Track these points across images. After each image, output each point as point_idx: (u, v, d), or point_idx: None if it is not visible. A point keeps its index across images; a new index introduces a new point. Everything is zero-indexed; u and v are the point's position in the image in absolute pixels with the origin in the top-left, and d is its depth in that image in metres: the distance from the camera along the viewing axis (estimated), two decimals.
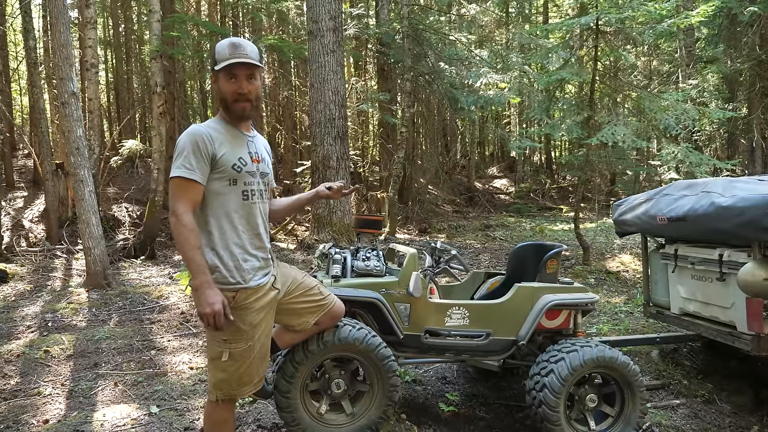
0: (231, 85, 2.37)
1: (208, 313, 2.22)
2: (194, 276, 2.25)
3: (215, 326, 2.25)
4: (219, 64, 2.35)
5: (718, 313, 3.97)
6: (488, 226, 13.44)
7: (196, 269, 2.24)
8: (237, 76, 2.36)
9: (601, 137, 6.40)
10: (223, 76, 2.38)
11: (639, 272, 7.44)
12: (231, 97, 2.39)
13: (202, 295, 2.23)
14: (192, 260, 2.24)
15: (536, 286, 3.53)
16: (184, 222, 2.25)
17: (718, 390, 4.16)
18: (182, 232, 2.25)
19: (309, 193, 2.92)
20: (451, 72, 12.65)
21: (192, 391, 4.11)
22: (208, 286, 2.24)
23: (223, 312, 2.24)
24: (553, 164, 24.72)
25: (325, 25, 8.39)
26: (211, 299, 2.23)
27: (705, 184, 4.08)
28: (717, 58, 13.49)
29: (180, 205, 2.28)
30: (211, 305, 2.22)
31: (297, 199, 2.94)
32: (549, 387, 3.17)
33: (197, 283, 2.24)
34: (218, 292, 2.26)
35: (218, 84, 2.41)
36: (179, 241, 2.27)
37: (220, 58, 2.36)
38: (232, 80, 2.37)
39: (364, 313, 3.38)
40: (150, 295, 6.59)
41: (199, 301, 2.24)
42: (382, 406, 3.04)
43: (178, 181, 2.30)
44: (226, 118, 2.47)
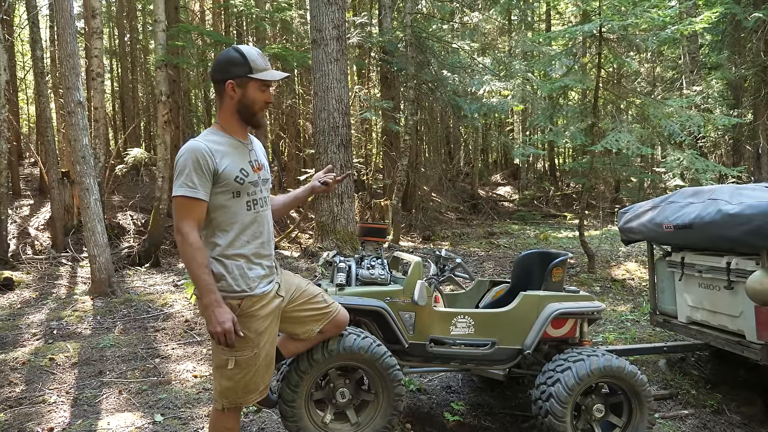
0: (263, 95, 2.39)
1: (219, 332, 2.22)
2: (203, 295, 2.25)
3: (226, 344, 2.25)
4: (256, 72, 2.34)
5: (727, 321, 3.94)
6: (492, 234, 13.40)
7: (204, 288, 2.24)
8: (269, 86, 2.40)
9: (605, 144, 6.39)
10: (257, 85, 2.37)
11: (645, 280, 7.40)
12: (260, 107, 2.41)
13: (212, 314, 2.23)
14: (199, 279, 2.24)
15: (542, 295, 3.51)
16: (190, 241, 2.25)
17: (727, 400, 4.11)
18: (188, 251, 2.24)
19: (305, 189, 2.89)
20: (454, 80, 12.68)
21: (196, 400, 4.09)
22: (217, 305, 2.24)
23: (233, 330, 2.24)
24: (557, 171, 24.71)
25: (328, 34, 8.43)
26: (221, 317, 2.22)
27: (711, 191, 4.05)
28: (721, 64, 13.50)
29: (185, 224, 2.27)
30: (221, 324, 2.22)
31: (294, 197, 2.92)
32: (555, 397, 3.14)
33: (206, 302, 2.24)
34: (228, 310, 2.26)
35: (247, 92, 2.37)
36: (186, 260, 2.27)
37: (258, 66, 2.35)
38: (265, 91, 2.39)
39: (368, 322, 3.37)
40: (154, 303, 6.59)
41: (210, 320, 2.24)
42: (387, 416, 3.02)
43: (182, 201, 2.28)
44: (226, 127, 2.44)
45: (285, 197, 2.89)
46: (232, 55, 2.37)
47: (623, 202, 19.87)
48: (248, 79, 2.35)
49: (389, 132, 13.61)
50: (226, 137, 2.42)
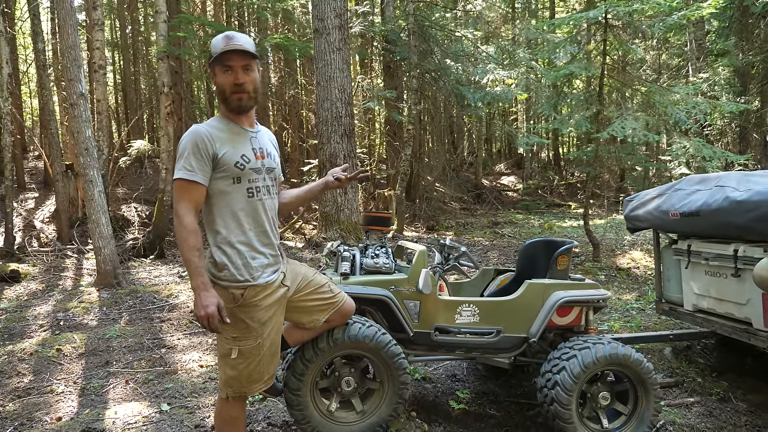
0: (227, 77, 2.35)
1: (203, 316, 2.21)
2: (191, 277, 2.25)
3: (210, 328, 2.23)
4: (214, 55, 2.34)
5: (733, 309, 3.92)
6: (496, 224, 13.38)
7: (194, 271, 2.24)
8: (232, 67, 2.34)
9: (611, 131, 6.34)
10: (219, 69, 2.36)
11: (650, 269, 7.38)
12: (228, 89, 2.36)
13: (198, 297, 2.22)
14: (189, 261, 2.24)
15: (547, 283, 3.49)
16: (184, 223, 2.25)
17: (733, 388, 4.10)
18: (182, 233, 2.25)
19: (318, 183, 2.88)
20: (457, 69, 12.60)
21: (202, 389, 4.11)
22: (203, 288, 2.23)
23: (217, 314, 2.22)
24: (561, 161, 24.61)
25: (330, 23, 8.37)
26: (206, 301, 2.21)
27: (718, 178, 4.02)
28: (728, 50, 13.36)
29: (182, 206, 2.27)
30: (205, 308, 2.20)
31: (307, 190, 2.91)
32: (561, 384, 3.14)
33: (194, 284, 2.24)
34: (214, 293, 2.25)
35: (216, 78, 2.39)
36: (179, 242, 2.27)
37: (215, 50, 2.35)
38: (228, 72, 2.35)
39: (373, 311, 3.36)
40: (159, 294, 6.61)
41: (196, 303, 2.24)
42: (392, 404, 3.02)
43: (180, 183, 2.29)
44: (227, 114, 2.45)
45: (298, 191, 2.88)
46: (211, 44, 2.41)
47: (628, 191, 19.81)
48: (212, 66, 2.37)
49: (392, 122, 13.55)
50: (230, 124, 2.42)
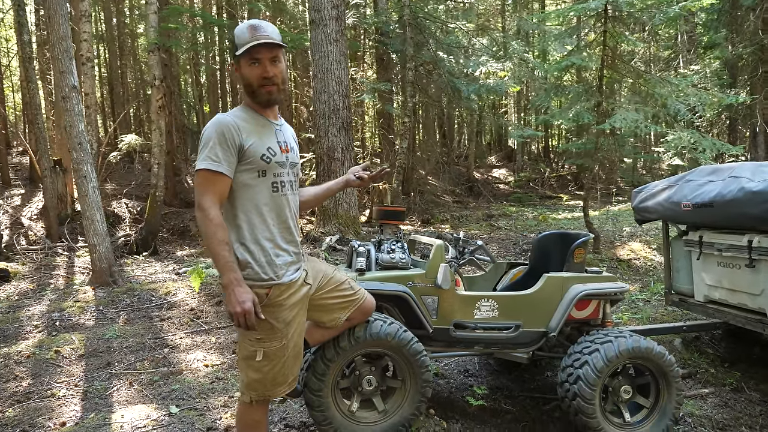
0: (255, 70, 2.25)
1: (239, 312, 2.11)
2: (222, 273, 2.14)
3: (246, 326, 2.14)
4: (240, 48, 2.23)
5: (747, 300, 3.90)
6: (491, 216, 13.36)
7: (225, 266, 2.13)
8: (260, 60, 2.25)
9: (613, 123, 6.31)
10: (246, 62, 2.26)
11: (650, 260, 7.39)
12: (256, 82, 2.26)
13: (231, 294, 2.12)
14: (219, 256, 2.13)
15: (566, 276, 3.44)
16: (210, 216, 2.14)
17: (746, 378, 4.09)
18: (209, 227, 2.14)
19: (338, 182, 2.81)
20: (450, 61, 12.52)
21: (210, 390, 4.01)
22: (237, 284, 2.13)
23: (254, 310, 2.14)
24: (551, 153, 24.67)
25: (327, 14, 8.24)
26: (241, 297, 2.12)
27: (731, 169, 3.99)
28: (718, 43, 13.42)
29: (206, 198, 2.16)
30: (241, 304, 2.11)
31: (327, 189, 2.83)
32: (584, 379, 3.09)
33: (226, 280, 2.13)
34: (248, 289, 2.16)
35: (241, 70, 2.29)
36: (206, 237, 2.16)
37: (240, 42, 2.24)
38: (255, 64, 2.25)
39: (390, 307, 3.29)
40: (157, 292, 6.48)
41: (229, 300, 2.13)
42: (414, 402, 2.95)
43: (204, 174, 2.18)
44: (252, 105, 2.35)
45: (316, 189, 2.79)
46: (233, 34, 2.30)
47: (618, 183, 19.91)
48: (237, 58, 2.26)
49: (386, 115, 13.45)
50: (254, 115, 2.33)
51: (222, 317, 5.70)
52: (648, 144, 21.22)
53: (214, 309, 5.97)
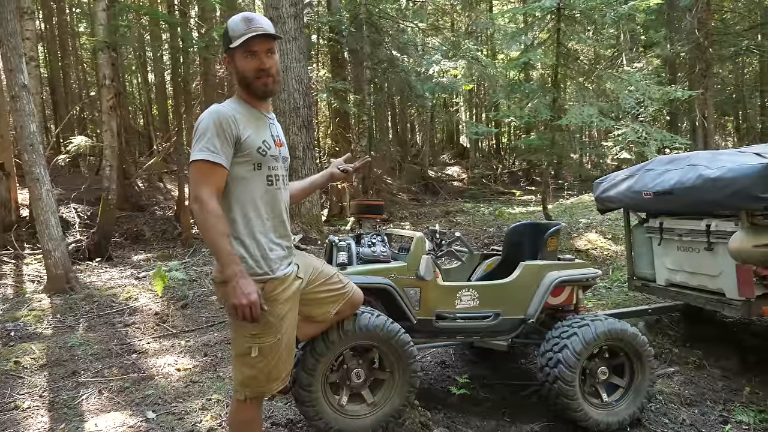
0: (250, 62, 2.22)
1: (245, 304, 2.06)
2: (225, 266, 2.08)
3: (251, 318, 2.10)
4: (235, 41, 2.19)
5: (707, 281, 4.12)
6: (449, 212, 13.54)
7: (227, 258, 2.08)
8: (256, 52, 2.21)
9: (570, 118, 6.52)
10: (241, 54, 2.22)
11: (607, 249, 7.67)
12: (252, 75, 2.23)
13: (237, 286, 2.07)
14: (221, 249, 2.08)
15: (542, 264, 3.55)
16: (209, 208, 2.09)
17: (706, 356, 4.32)
18: (208, 219, 2.08)
19: (322, 175, 2.79)
20: (404, 59, 12.63)
21: (186, 394, 3.92)
22: (241, 275, 2.08)
23: (259, 302, 2.10)
24: (502, 150, 25.23)
25: (286, 12, 8.16)
26: (247, 289, 2.07)
27: (688, 157, 4.20)
28: (657, 42, 14.06)
29: (204, 190, 2.11)
30: (247, 296, 2.06)
31: (311, 183, 2.82)
32: (564, 362, 3.19)
33: (230, 273, 2.07)
34: (252, 281, 2.12)
35: (235, 63, 2.25)
36: (205, 229, 2.10)
37: (235, 34, 2.20)
38: (251, 57, 2.21)
39: (373, 300, 3.30)
40: (118, 298, 6.26)
41: (234, 293, 2.07)
42: (404, 393, 2.98)
43: (201, 165, 2.13)
44: (246, 98, 2.31)
45: (301, 183, 2.77)
46: (226, 27, 2.26)
47: (566, 177, 20.55)
48: (232, 50, 2.22)
49: (342, 114, 13.43)
50: (248, 107, 2.30)
51: (189, 320, 5.57)
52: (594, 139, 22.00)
53: (180, 312, 5.83)
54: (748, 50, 17.82)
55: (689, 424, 3.45)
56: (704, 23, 12.51)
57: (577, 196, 14.46)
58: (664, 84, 13.87)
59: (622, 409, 3.31)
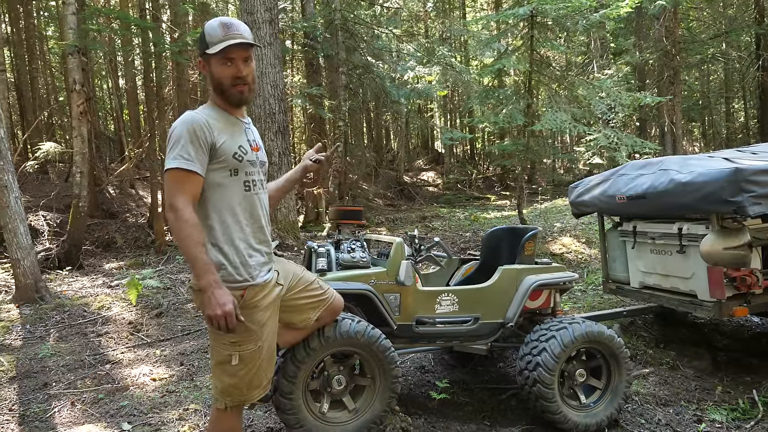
0: (227, 70, 2.20)
1: (219, 315, 2.05)
2: (200, 276, 2.07)
3: (226, 328, 2.09)
4: (212, 47, 2.17)
5: (679, 283, 4.21)
6: (425, 218, 13.59)
7: (203, 268, 2.06)
8: (233, 59, 2.19)
9: (544, 124, 6.62)
10: (218, 61, 2.19)
11: (581, 253, 7.79)
12: (228, 82, 2.21)
13: (212, 296, 2.05)
14: (197, 258, 2.06)
15: (520, 268, 3.58)
16: (185, 217, 2.07)
17: (680, 356, 4.41)
18: (183, 228, 2.06)
19: (296, 170, 2.72)
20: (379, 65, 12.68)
21: (162, 404, 3.84)
22: (216, 286, 2.07)
23: (234, 313, 2.09)
24: (476, 155, 25.44)
25: (260, 17, 8.12)
26: (222, 299, 2.06)
27: (660, 162, 4.29)
28: (626, 49, 14.39)
29: (179, 198, 2.08)
30: (222, 306, 2.05)
31: (287, 180, 2.77)
32: (543, 365, 3.22)
33: (205, 283, 2.06)
34: (227, 291, 2.10)
35: (211, 69, 2.23)
36: (180, 239, 2.08)
37: (212, 40, 2.18)
38: (228, 64, 2.19)
39: (353, 306, 3.29)
40: (90, 307, 6.11)
41: (209, 303, 2.06)
42: (385, 399, 2.97)
43: (176, 173, 2.10)
44: (220, 104, 2.29)
45: (277, 182, 2.74)
46: (201, 32, 2.24)
47: (540, 182, 20.83)
48: (207, 56, 2.20)
49: (317, 119, 13.40)
50: (223, 113, 2.27)
51: (164, 329, 5.47)
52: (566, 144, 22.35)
53: (155, 321, 5.72)
54: (713, 58, 18.38)
55: (665, 423, 3.51)
56: (671, 32, 12.85)
57: (551, 201, 14.65)
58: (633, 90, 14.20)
59: (600, 411, 3.36)
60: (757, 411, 3.58)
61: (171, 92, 12.97)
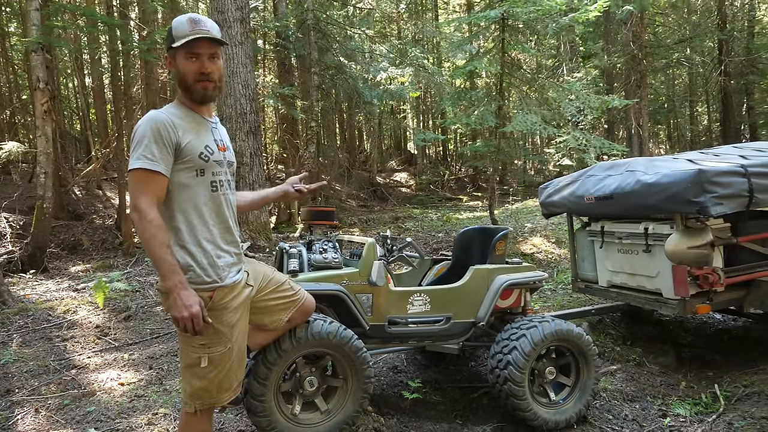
0: (192, 65, 2.18)
1: (186, 317, 2.03)
2: (166, 277, 2.05)
3: (193, 330, 2.07)
4: (178, 40, 2.15)
5: (645, 282, 4.31)
6: (397, 218, 13.62)
7: (168, 269, 2.05)
8: (198, 55, 2.18)
9: (515, 126, 6.70)
10: (183, 55, 2.18)
11: (551, 252, 7.91)
12: (192, 77, 2.19)
13: (177, 298, 2.04)
14: (162, 260, 2.04)
15: (491, 268, 3.62)
16: (149, 218, 2.04)
17: (646, 353, 4.51)
18: (148, 229, 2.04)
19: (275, 191, 2.75)
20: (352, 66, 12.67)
21: (130, 409, 3.76)
22: (182, 287, 2.05)
23: (201, 314, 2.07)
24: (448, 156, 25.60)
25: (231, 16, 8.03)
26: (188, 301, 2.04)
27: (627, 164, 4.39)
28: (595, 53, 14.68)
29: (143, 200, 2.06)
30: (188, 308, 2.03)
31: (263, 197, 2.80)
32: (514, 363, 3.26)
33: (170, 284, 2.04)
34: (194, 292, 2.09)
35: (176, 64, 2.21)
36: (145, 240, 2.06)
37: (179, 34, 2.16)
38: (193, 59, 2.18)
39: (325, 307, 3.28)
40: (55, 311, 5.96)
41: (175, 305, 2.05)
42: (357, 400, 2.97)
43: (139, 174, 2.08)
44: (186, 102, 2.26)
45: (253, 195, 2.74)
46: (170, 26, 2.22)
47: (511, 183, 21.08)
48: (174, 50, 2.19)
49: (289, 119, 13.31)
50: (189, 112, 2.24)
51: (133, 332, 5.37)
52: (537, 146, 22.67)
53: (123, 324, 5.61)
54: (678, 63, 18.88)
55: (631, 419, 3.59)
56: (638, 36, 13.14)
57: (522, 201, 14.85)
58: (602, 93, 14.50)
59: (570, 408, 3.41)
60: (719, 405, 3.69)
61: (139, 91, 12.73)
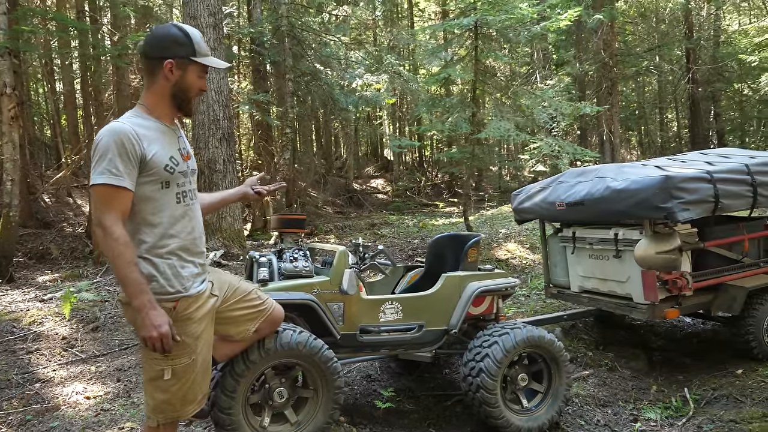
0: (200, 82, 2.25)
1: (155, 337, 2.00)
2: (133, 296, 2.01)
3: (162, 350, 2.03)
4: (200, 56, 2.17)
5: (616, 287, 4.35)
6: (374, 225, 13.59)
7: (136, 288, 2.01)
8: (206, 74, 2.28)
9: (489, 132, 6.75)
10: (197, 70, 2.22)
11: (525, 258, 7.96)
12: (195, 93, 2.25)
13: (146, 317, 2.00)
14: (128, 278, 2.00)
15: (463, 275, 3.61)
16: (115, 236, 1.99)
17: (618, 358, 4.55)
18: (114, 247, 1.99)
19: (234, 193, 2.75)
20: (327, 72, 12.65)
21: (96, 423, 3.66)
22: (151, 307, 2.02)
23: (170, 334, 2.04)
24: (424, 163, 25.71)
25: (204, 22, 7.94)
26: (156, 320, 2.01)
27: (597, 170, 4.44)
28: (567, 60, 14.89)
29: (108, 216, 2.01)
30: (157, 328, 2.01)
31: (221, 199, 2.77)
32: (486, 371, 3.25)
33: (138, 303, 2.00)
34: (163, 312, 2.05)
35: (186, 75, 2.19)
36: (111, 258, 2.02)
37: (201, 51, 2.18)
38: (202, 77, 2.25)
39: (295, 317, 3.24)
40: (20, 322, 5.78)
41: (144, 325, 2.01)
42: (328, 411, 2.93)
43: (104, 190, 2.01)
44: (150, 111, 2.20)
45: (212, 197, 2.69)
46: (174, 32, 2.16)
47: (486, 189, 21.24)
48: (190, 62, 2.17)
49: (264, 126, 13.22)
50: (153, 121, 2.18)
51: (101, 344, 5.24)
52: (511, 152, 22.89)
53: (91, 336, 5.47)
54: (647, 70, 19.28)
55: (603, 424, 3.61)
56: (609, 44, 13.37)
57: (497, 207, 14.94)
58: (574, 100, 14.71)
59: (542, 414, 3.42)
60: (689, 408, 3.73)
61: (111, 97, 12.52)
